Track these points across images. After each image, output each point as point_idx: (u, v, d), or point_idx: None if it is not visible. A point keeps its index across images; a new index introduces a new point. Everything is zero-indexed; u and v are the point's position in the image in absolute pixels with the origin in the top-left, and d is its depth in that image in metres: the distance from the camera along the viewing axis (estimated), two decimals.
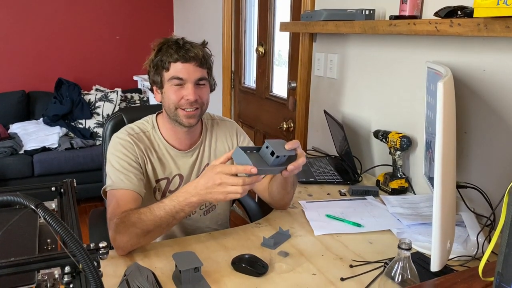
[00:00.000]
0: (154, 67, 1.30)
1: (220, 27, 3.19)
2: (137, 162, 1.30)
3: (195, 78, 1.28)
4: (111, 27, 4.05)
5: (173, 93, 1.29)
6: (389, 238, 1.27)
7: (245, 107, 3.15)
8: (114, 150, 1.30)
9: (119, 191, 1.23)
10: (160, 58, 1.29)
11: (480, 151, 1.40)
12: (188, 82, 1.28)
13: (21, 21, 3.75)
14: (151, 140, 1.36)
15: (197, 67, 1.29)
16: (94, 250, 0.61)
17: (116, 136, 1.33)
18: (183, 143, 1.40)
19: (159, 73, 1.30)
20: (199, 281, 1.01)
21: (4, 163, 3.15)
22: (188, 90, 1.28)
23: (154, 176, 1.35)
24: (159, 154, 1.37)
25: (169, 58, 1.27)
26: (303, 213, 1.43)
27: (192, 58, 1.27)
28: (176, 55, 1.26)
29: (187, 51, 1.27)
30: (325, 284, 1.03)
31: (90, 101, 3.72)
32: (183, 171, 1.40)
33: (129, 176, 1.25)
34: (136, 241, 1.12)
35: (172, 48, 1.27)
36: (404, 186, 1.63)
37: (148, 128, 1.38)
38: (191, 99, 1.28)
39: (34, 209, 0.57)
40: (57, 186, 0.87)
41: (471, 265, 1.08)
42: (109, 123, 1.61)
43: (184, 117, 1.30)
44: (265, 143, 1.09)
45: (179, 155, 1.39)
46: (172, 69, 1.28)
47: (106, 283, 0.63)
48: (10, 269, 0.57)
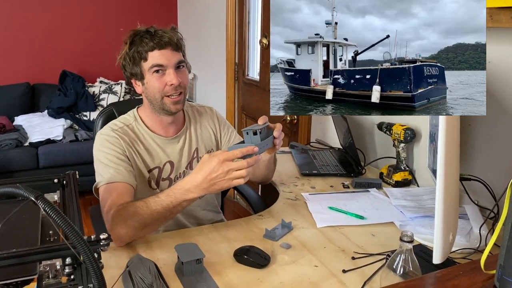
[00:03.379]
0: (131, 59, 1.31)
1: (223, 19, 3.18)
2: (124, 155, 1.30)
3: (174, 62, 1.30)
4: (115, 19, 4.04)
5: (156, 80, 1.29)
6: (391, 231, 1.27)
7: (248, 99, 3.15)
8: (100, 147, 1.31)
9: (112, 184, 1.23)
10: (135, 49, 1.29)
11: (484, 143, 1.39)
12: (169, 68, 1.29)
13: (25, 14, 3.75)
14: (136, 132, 1.37)
15: (174, 51, 1.30)
16: (95, 242, 0.62)
17: (100, 133, 1.34)
18: (169, 130, 1.41)
19: (137, 64, 1.30)
20: (201, 272, 1.01)
21: (9, 155, 3.17)
22: (171, 76, 1.29)
23: (146, 167, 1.36)
24: (146, 144, 1.37)
25: (144, 47, 1.28)
26: (306, 205, 1.43)
27: (168, 43, 1.28)
28: (152, 43, 1.27)
29: (161, 38, 1.28)
30: (327, 276, 1.03)
31: (95, 93, 3.72)
32: (173, 158, 1.41)
33: (119, 169, 1.26)
34: (134, 233, 1.13)
35: (146, 37, 1.28)
36: (408, 178, 1.62)
37: (130, 121, 1.39)
38: (175, 83, 1.29)
39: (34, 201, 0.57)
40: (59, 178, 0.88)
41: (474, 257, 1.08)
42: (100, 118, 1.59)
43: (171, 104, 1.32)
44: (243, 132, 1.16)
45: (165, 142, 1.40)
46: (150, 58, 1.28)
47: (108, 275, 0.64)
48: (13, 260, 0.58)
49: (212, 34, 3.45)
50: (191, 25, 3.96)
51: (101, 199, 1.24)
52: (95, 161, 1.31)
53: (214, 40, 3.43)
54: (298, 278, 1.02)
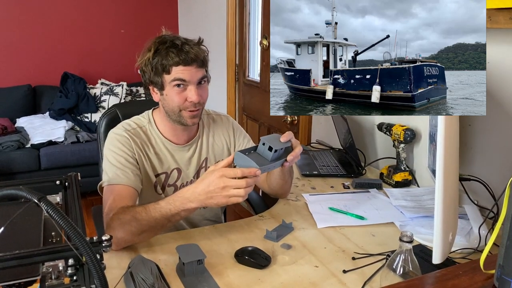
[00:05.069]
0: (153, 69, 1.27)
1: (224, 20, 3.18)
2: (133, 157, 1.30)
3: (197, 79, 1.27)
4: (116, 20, 4.05)
5: (176, 95, 1.27)
6: (392, 231, 1.28)
7: (249, 100, 3.15)
8: (111, 146, 1.30)
9: (116, 186, 1.24)
10: (159, 61, 1.25)
11: (484, 143, 1.40)
12: (191, 84, 1.26)
13: (26, 16, 3.76)
14: (148, 135, 1.37)
15: (198, 68, 1.27)
16: (97, 243, 0.62)
17: (112, 132, 1.33)
18: (181, 138, 1.40)
19: (159, 75, 1.27)
20: (202, 273, 1.02)
21: (11, 156, 3.18)
22: (192, 92, 1.26)
23: (153, 171, 1.36)
24: (156, 149, 1.37)
25: (170, 61, 1.24)
26: (306, 206, 1.43)
27: (193, 60, 1.25)
28: (177, 59, 1.23)
29: (187, 54, 1.24)
30: (328, 276, 1.04)
31: (96, 94, 3.73)
32: (181, 165, 1.40)
33: (126, 171, 1.26)
34: (130, 238, 1.12)
35: (173, 51, 1.24)
36: (408, 179, 1.63)
37: (144, 123, 1.38)
38: (195, 101, 1.27)
39: (37, 203, 0.57)
40: (61, 179, 0.88)
41: (474, 257, 1.09)
42: (103, 119, 1.60)
43: (188, 117, 1.30)
44: (261, 141, 1.10)
45: (176, 149, 1.39)
46: (174, 72, 1.25)
47: (110, 275, 0.64)
48: (15, 261, 0.58)
49: (213, 35, 3.46)
50: (192, 27, 3.97)
51: (103, 199, 1.25)
52: (104, 159, 1.31)
53: (214, 41, 3.44)
54: (299, 278, 1.03)
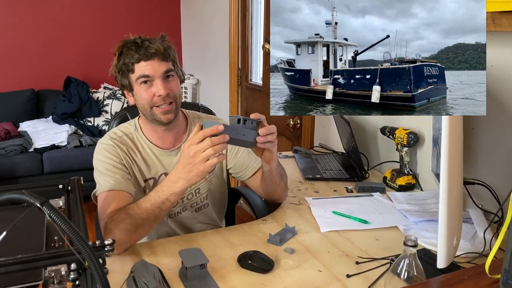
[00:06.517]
0: (120, 71, 1.31)
1: (226, 24, 3.19)
2: (121, 163, 1.31)
3: (161, 73, 1.28)
4: (119, 25, 4.06)
5: (144, 91, 1.29)
6: (395, 235, 1.27)
7: (252, 104, 3.15)
8: (98, 155, 1.31)
9: (109, 192, 1.24)
10: (122, 61, 1.29)
11: (488, 147, 1.39)
12: (156, 78, 1.28)
13: (29, 20, 3.78)
14: (134, 142, 1.37)
15: (161, 61, 1.28)
16: (100, 247, 0.62)
17: (99, 141, 1.35)
18: (167, 141, 1.40)
19: (126, 76, 1.30)
20: (205, 277, 1.01)
21: (14, 161, 3.19)
22: (158, 86, 1.27)
23: (142, 176, 1.37)
24: (143, 154, 1.37)
25: (131, 59, 1.27)
26: (310, 210, 1.43)
27: (154, 54, 1.27)
28: (137, 55, 1.26)
29: (147, 49, 1.26)
30: (331, 280, 1.03)
31: (99, 99, 3.74)
32: (169, 170, 1.38)
33: (115, 177, 1.26)
34: (127, 237, 1.12)
35: (132, 49, 1.27)
36: (411, 182, 1.62)
37: (130, 130, 1.39)
38: (163, 94, 1.28)
39: (40, 207, 0.57)
40: (64, 184, 0.88)
41: (479, 262, 1.08)
42: (114, 122, 1.61)
43: (161, 114, 1.30)
44: (230, 117, 1.11)
45: (163, 154, 1.39)
46: (137, 69, 1.27)
47: (112, 280, 0.64)
48: (18, 265, 0.58)
49: (215, 39, 3.46)
50: (194, 31, 3.98)
51: (98, 207, 1.25)
52: (94, 169, 1.32)
53: (217, 45, 3.45)
54: (302, 282, 1.02)
